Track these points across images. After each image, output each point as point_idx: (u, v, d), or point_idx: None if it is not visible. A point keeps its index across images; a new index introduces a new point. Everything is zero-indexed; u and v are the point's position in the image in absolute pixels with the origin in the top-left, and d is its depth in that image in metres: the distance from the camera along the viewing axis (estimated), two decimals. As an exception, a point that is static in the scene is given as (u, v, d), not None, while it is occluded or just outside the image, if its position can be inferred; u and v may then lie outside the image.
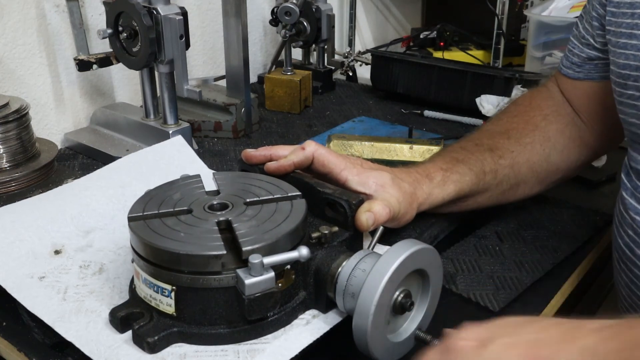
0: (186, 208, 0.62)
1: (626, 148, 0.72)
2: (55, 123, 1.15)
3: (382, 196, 0.68)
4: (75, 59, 1.02)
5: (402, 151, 1.00)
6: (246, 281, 0.54)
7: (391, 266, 0.54)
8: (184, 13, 0.97)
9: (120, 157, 0.87)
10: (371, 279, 0.54)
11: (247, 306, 0.55)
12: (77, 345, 0.56)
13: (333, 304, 0.60)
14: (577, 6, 1.51)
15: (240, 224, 0.59)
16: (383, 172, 0.72)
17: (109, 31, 0.99)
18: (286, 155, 0.71)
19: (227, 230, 0.59)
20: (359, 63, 1.64)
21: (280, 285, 0.57)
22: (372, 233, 0.65)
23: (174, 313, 0.57)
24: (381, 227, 0.65)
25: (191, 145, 0.97)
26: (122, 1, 0.96)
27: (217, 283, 0.55)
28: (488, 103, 1.20)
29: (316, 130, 1.21)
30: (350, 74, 1.63)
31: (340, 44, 1.82)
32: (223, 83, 1.24)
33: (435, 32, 1.81)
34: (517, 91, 1.16)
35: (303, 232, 0.61)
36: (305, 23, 1.36)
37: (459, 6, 1.91)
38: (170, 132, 1.01)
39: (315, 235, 0.61)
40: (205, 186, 0.67)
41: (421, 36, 1.84)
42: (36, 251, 0.70)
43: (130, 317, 0.58)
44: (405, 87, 1.35)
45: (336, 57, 1.59)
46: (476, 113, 1.21)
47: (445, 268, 0.65)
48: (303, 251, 0.56)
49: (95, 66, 1.03)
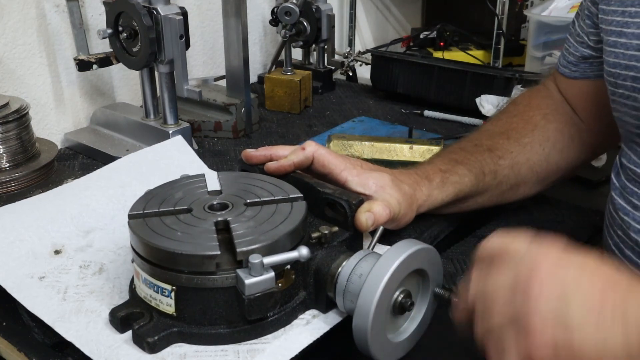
0: (186, 207, 0.62)
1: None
2: (55, 123, 1.15)
3: (382, 197, 0.68)
4: (75, 59, 1.02)
5: (402, 151, 1.00)
6: (246, 281, 0.54)
7: (391, 266, 0.54)
8: (184, 13, 0.97)
9: (120, 157, 0.87)
10: (371, 279, 0.54)
11: (247, 306, 0.54)
12: (77, 345, 0.56)
13: (333, 304, 0.60)
14: (577, 6, 1.50)
15: (238, 225, 0.59)
16: (383, 174, 0.72)
17: (109, 31, 0.99)
18: (286, 155, 0.71)
19: (225, 230, 0.59)
20: (359, 63, 1.64)
21: (280, 285, 0.57)
22: (372, 233, 0.65)
23: (174, 313, 0.57)
24: (381, 227, 0.65)
25: (191, 145, 0.97)
26: (122, 1, 0.96)
27: (212, 283, 0.55)
28: (488, 103, 1.20)
29: (316, 130, 1.21)
30: (350, 74, 1.62)
31: (340, 44, 1.82)
32: (223, 83, 1.24)
33: (435, 32, 1.81)
34: (517, 91, 1.16)
35: (302, 234, 0.61)
36: (305, 23, 1.36)
37: (459, 6, 1.91)
38: (170, 132, 1.01)
39: (315, 235, 0.61)
40: (208, 186, 0.67)
41: (421, 36, 1.84)
42: (36, 251, 0.70)
43: (130, 317, 0.58)
44: (405, 87, 1.35)
45: (336, 57, 1.59)
46: (476, 113, 1.21)
47: (445, 268, 0.65)
48: (303, 251, 0.56)
49: (95, 66, 1.03)
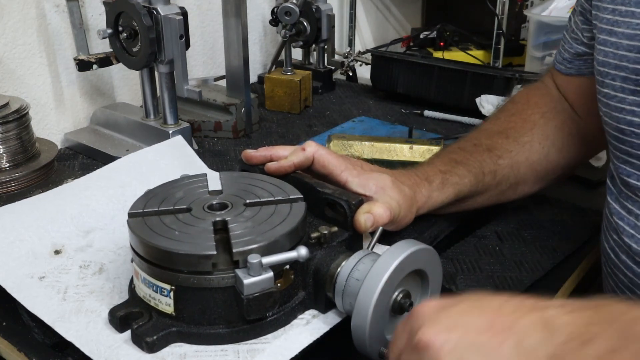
0: (185, 207, 0.62)
1: None
2: (55, 123, 1.15)
3: (383, 198, 0.68)
4: (75, 59, 1.02)
5: (402, 151, 1.00)
6: (245, 281, 0.54)
7: (390, 267, 0.54)
8: (184, 13, 0.97)
9: (120, 157, 0.87)
10: (370, 279, 0.54)
11: (246, 306, 0.54)
12: (77, 345, 0.56)
13: (332, 304, 0.60)
14: (577, 6, 1.51)
15: (236, 225, 0.59)
16: (383, 175, 0.72)
17: (109, 31, 0.99)
18: (286, 155, 0.71)
19: (224, 230, 0.59)
20: (359, 63, 1.64)
21: (279, 285, 0.57)
22: (372, 233, 0.65)
23: (173, 313, 0.57)
24: (380, 228, 0.65)
25: (191, 145, 0.97)
26: (122, 1, 0.96)
27: (209, 283, 0.55)
28: (488, 103, 1.20)
29: (316, 130, 1.21)
30: (350, 74, 1.62)
31: (340, 44, 1.82)
32: (223, 83, 1.24)
33: (435, 32, 1.81)
34: (517, 91, 1.16)
35: (300, 235, 0.61)
36: (305, 23, 1.36)
37: (459, 6, 1.91)
38: (170, 132, 1.01)
39: (314, 235, 0.61)
40: (209, 185, 0.67)
41: (421, 36, 1.84)
42: (36, 251, 0.70)
43: (129, 317, 0.58)
44: (405, 87, 1.35)
45: (336, 57, 1.59)
46: (476, 113, 1.21)
47: (445, 268, 0.65)
48: (302, 251, 0.56)
49: (95, 66, 1.03)
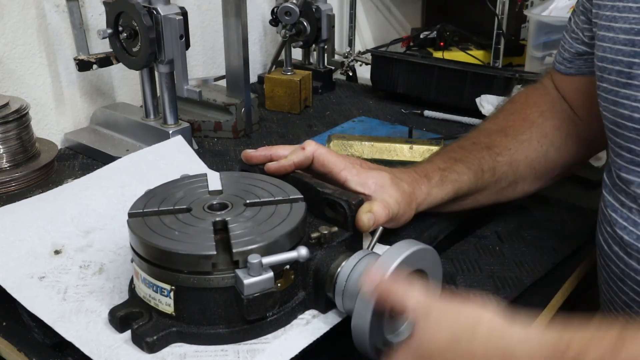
0: (185, 207, 0.62)
1: None
2: (55, 123, 1.15)
3: (381, 197, 0.68)
4: (75, 59, 1.02)
5: (402, 151, 1.00)
6: (245, 281, 0.54)
7: (390, 266, 0.54)
8: (184, 13, 0.97)
9: (120, 157, 0.87)
10: (373, 275, 0.54)
11: (246, 306, 0.54)
12: (77, 345, 0.56)
13: (332, 304, 0.60)
14: (577, 6, 1.50)
15: (236, 225, 0.59)
16: (382, 172, 0.72)
17: (109, 31, 0.99)
18: (286, 155, 0.71)
19: (223, 230, 0.59)
20: (359, 63, 1.64)
21: (279, 285, 0.57)
22: (372, 233, 0.65)
23: (173, 313, 0.57)
24: (380, 227, 0.65)
25: (191, 145, 0.97)
26: (122, 1, 0.96)
27: (209, 283, 0.55)
28: (488, 103, 1.20)
29: (316, 130, 1.21)
30: (350, 74, 1.62)
31: (340, 44, 1.82)
32: (223, 83, 1.24)
33: (435, 32, 1.81)
34: (517, 91, 1.16)
35: (300, 235, 0.61)
36: (305, 23, 1.36)
37: (459, 6, 1.91)
38: (170, 132, 1.01)
39: (314, 235, 0.61)
40: (209, 185, 0.67)
41: (421, 36, 1.84)
42: (36, 251, 0.70)
43: (129, 317, 0.58)
44: (405, 87, 1.35)
45: (336, 57, 1.59)
46: (476, 113, 1.21)
47: (445, 268, 0.65)
48: (302, 251, 0.56)
49: (95, 66, 1.03)
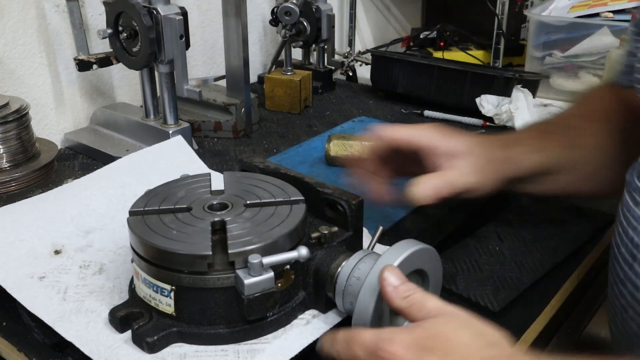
0: (186, 206, 0.62)
1: None
2: (55, 123, 1.15)
3: (452, 166, 0.70)
4: (75, 59, 1.02)
5: (402, 151, 1.00)
6: (245, 281, 0.54)
7: (396, 260, 0.54)
8: (184, 13, 0.97)
9: (120, 157, 0.87)
10: (370, 279, 0.54)
11: (247, 306, 0.54)
12: (77, 345, 0.56)
13: (333, 304, 0.60)
14: (577, 6, 1.51)
15: (234, 226, 0.59)
16: (463, 138, 0.73)
17: (109, 31, 0.99)
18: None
19: (222, 230, 0.59)
20: (359, 63, 1.64)
21: (279, 285, 0.57)
22: (373, 233, 0.65)
23: (174, 313, 0.57)
24: (380, 227, 0.65)
25: (191, 145, 0.97)
26: (122, 1, 0.96)
27: (207, 283, 0.55)
28: (488, 103, 1.20)
29: (316, 130, 1.21)
30: (350, 74, 1.62)
31: (340, 44, 1.82)
32: (223, 83, 1.24)
33: (435, 32, 1.81)
34: (517, 91, 1.16)
35: (299, 237, 0.61)
36: (305, 23, 1.36)
37: (459, 6, 1.91)
38: (170, 132, 1.01)
39: (314, 235, 0.61)
40: (212, 185, 0.67)
41: (421, 36, 1.84)
42: (36, 251, 0.70)
43: (129, 317, 0.58)
44: (405, 87, 1.35)
45: (336, 57, 1.59)
46: (476, 113, 1.21)
47: (445, 268, 0.65)
48: (302, 251, 0.56)
49: (95, 66, 1.03)
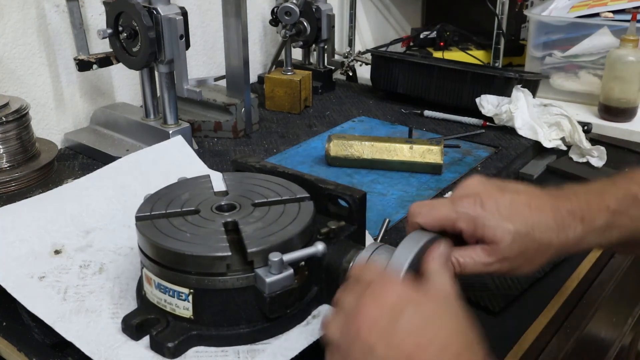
0: (194, 208, 0.62)
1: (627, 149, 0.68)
2: (55, 123, 1.15)
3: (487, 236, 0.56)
4: (75, 59, 1.02)
5: (402, 151, 1.00)
6: (267, 280, 0.54)
7: (409, 255, 0.54)
8: (184, 13, 0.97)
9: (120, 157, 0.87)
10: (392, 267, 0.54)
11: (269, 304, 0.55)
12: (77, 345, 0.56)
13: None
14: (577, 6, 1.50)
15: (246, 226, 0.59)
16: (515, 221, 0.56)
17: (109, 31, 0.99)
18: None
19: (234, 231, 0.59)
20: (359, 63, 1.64)
21: (296, 281, 0.57)
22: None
23: (192, 316, 0.57)
24: (387, 219, 0.65)
25: (191, 145, 0.97)
26: (122, 1, 0.96)
27: (223, 285, 0.56)
28: (488, 103, 1.20)
29: (316, 130, 1.21)
30: (350, 74, 1.62)
31: (340, 44, 1.82)
32: (223, 83, 1.24)
33: (435, 32, 1.81)
34: (517, 91, 1.16)
35: (311, 234, 0.61)
36: (305, 23, 1.36)
37: (459, 6, 1.91)
38: (170, 132, 1.01)
39: (323, 231, 0.62)
40: (214, 186, 0.67)
41: (421, 36, 1.83)
42: (36, 251, 0.70)
43: (145, 324, 0.57)
44: (405, 87, 1.35)
45: (336, 57, 1.59)
46: (476, 113, 1.21)
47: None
48: (319, 246, 0.57)
49: (95, 66, 1.03)
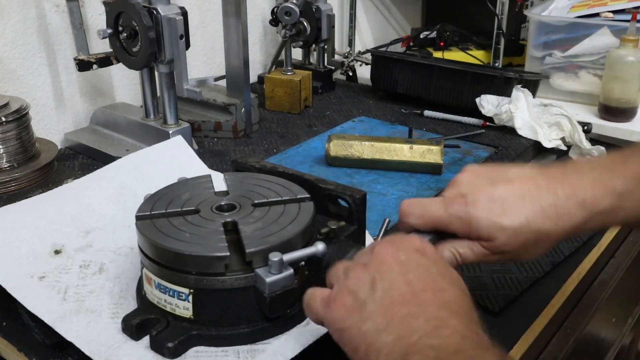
0: (193, 208, 0.62)
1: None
2: (55, 123, 1.15)
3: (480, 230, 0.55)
4: (75, 59, 1.02)
5: (402, 151, 1.00)
6: (267, 279, 0.54)
7: None
8: (184, 13, 0.97)
9: (120, 157, 0.87)
10: None
11: (269, 304, 0.55)
12: (77, 345, 0.56)
13: None
14: (577, 6, 1.51)
15: (246, 226, 0.59)
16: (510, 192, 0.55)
17: (109, 31, 0.99)
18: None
19: (234, 231, 0.59)
20: (359, 63, 1.64)
21: (296, 281, 0.57)
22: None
23: (192, 316, 0.57)
24: (387, 219, 0.65)
25: (191, 145, 0.97)
26: (122, 1, 0.96)
27: (221, 285, 0.56)
28: (488, 103, 1.20)
29: (316, 130, 1.21)
30: (350, 74, 1.62)
31: (340, 44, 1.82)
32: (223, 83, 1.24)
33: (435, 32, 1.81)
34: (517, 91, 1.16)
35: (310, 234, 0.61)
36: (305, 23, 1.36)
37: (459, 6, 1.91)
38: (170, 132, 1.01)
39: (324, 230, 0.62)
40: (214, 186, 0.67)
41: (421, 36, 1.84)
42: (36, 251, 0.70)
43: (145, 324, 0.57)
44: (405, 87, 1.35)
45: (336, 57, 1.59)
46: (476, 113, 1.21)
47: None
48: (320, 246, 0.57)
49: (95, 66, 1.03)
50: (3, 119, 0.92)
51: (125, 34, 0.98)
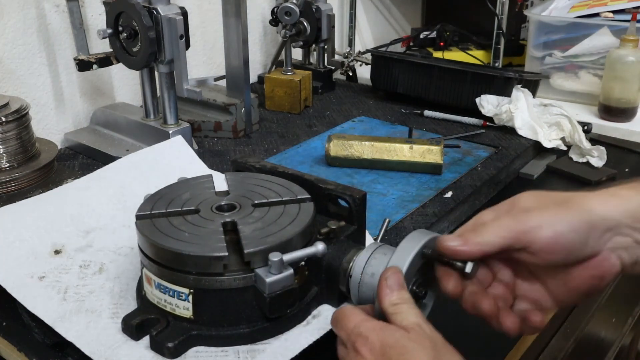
0: (194, 208, 0.62)
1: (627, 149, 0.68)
2: (55, 123, 1.15)
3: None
4: (75, 59, 1.02)
5: (402, 151, 1.00)
6: (267, 280, 0.54)
7: (409, 255, 0.54)
8: (184, 13, 0.97)
9: (120, 157, 0.87)
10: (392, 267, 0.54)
11: (269, 304, 0.55)
12: (77, 345, 0.56)
13: (345, 298, 0.61)
14: (577, 6, 1.51)
15: (245, 226, 0.59)
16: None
17: (109, 31, 0.99)
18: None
19: (233, 231, 0.59)
20: (359, 63, 1.64)
21: (296, 282, 0.57)
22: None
23: (192, 316, 0.57)
24: (387, 219, 0.65)
25: (191, 145, 0.97)
26: (122, 1, 0.96)
27: (220, 285, 0.56)
28: (488, 103, 1.20)
29: (316, 130, 1.21)
30: (350, 74, 1.62)
31: (340, 44, 1.82)
32: (223, 83, 1.24)
33: (435, 32, 1.81)
34: (517, 91, 1.16)
35: (310, 235, 0.61)
36: (305, 23, 1.36)
37: (459, 6, 1.91)
38: (170, 132, 1.01)
39: (324, 231, 0.62)
40: (215, 186, 0.67)
41: (421, 36, 1.84)
42: (36, 251, 0.70)
43: (145, 324, 0.57)
44: (405, 87, 1.35)
45: (336, 57, 1.59)
46: (476, 113, 1.21)
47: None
48: (319, 246, 0.57)
49: (95, 66, 1.03)
50: (3, 119, 0.92)
51: (125, 34, 0.98)
